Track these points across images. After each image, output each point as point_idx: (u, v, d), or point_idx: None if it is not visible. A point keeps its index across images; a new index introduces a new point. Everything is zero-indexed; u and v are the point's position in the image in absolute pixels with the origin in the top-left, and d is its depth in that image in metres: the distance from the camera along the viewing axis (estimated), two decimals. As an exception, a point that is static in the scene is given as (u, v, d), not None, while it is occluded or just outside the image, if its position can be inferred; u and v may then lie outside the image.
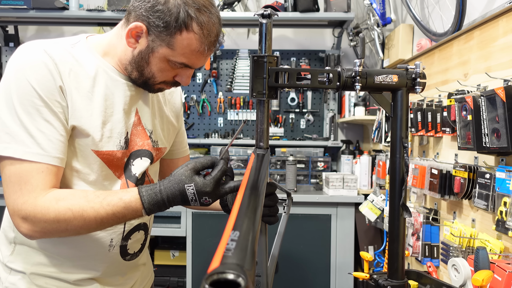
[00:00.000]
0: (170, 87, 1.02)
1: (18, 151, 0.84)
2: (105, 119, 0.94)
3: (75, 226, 0.85)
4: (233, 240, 0.40)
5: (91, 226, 0.86)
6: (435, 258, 1.65)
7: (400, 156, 0.86)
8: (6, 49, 3.16)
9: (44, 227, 0.85)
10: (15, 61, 0.88)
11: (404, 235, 0.88)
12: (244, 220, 0.47)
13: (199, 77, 3.18)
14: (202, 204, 0.86)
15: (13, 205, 0.86)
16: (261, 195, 0.61)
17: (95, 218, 0.84)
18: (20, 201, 0.85)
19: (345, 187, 2.43)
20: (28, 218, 0.85)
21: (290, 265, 2.41)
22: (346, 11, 2.71)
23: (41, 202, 0.85)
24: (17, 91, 0.85)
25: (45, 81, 0.86)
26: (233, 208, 0.52)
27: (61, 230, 0.86)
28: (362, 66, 0.83)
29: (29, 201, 0.85)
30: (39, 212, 0.84)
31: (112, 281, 1.03)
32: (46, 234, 0.87)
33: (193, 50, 0.92)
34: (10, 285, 0.97)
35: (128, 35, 0.92)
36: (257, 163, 0.78)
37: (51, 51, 0.89)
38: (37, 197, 0.85)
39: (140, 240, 1.08)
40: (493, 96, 1.19)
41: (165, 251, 2.76)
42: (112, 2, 2.73)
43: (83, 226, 0.85)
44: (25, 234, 0.87)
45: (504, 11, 1.29)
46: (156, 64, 0.94)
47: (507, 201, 1.15)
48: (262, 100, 0.83)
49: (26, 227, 0.85)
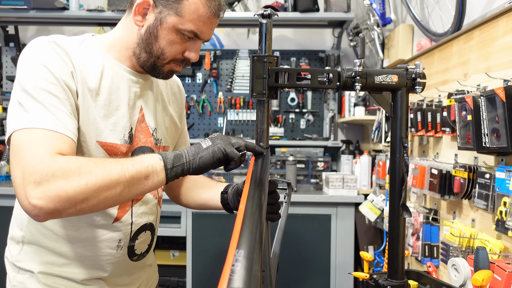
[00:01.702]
0: (180, 66, 1.01)
1: (32, 121, 0.79)
2: (109, 112, 0.95)
3: (96, 177, 0.75)
4: (238, 260, 0.40)
5: (113, 177, 0.76)
6: (435, 258, 1.65)
7: (400, 156, 0.86)
8: (6, 49, 3.16)
9: (61, 187, 0.73)
10: (28, 51, 0.88)
11: (404, 235, 0.88)
12: (248, 236, 0.46)
13: (199, 77, 3.18)
14: (212, 141, 0.85)
15: (22, 172, 0.74)
16: (264, 204, 0.61)
17: (116, 166, 0.78)
18: (32, 163, 0.74)
19: (345, 187, 2.43)
20: (44, 179, 0.73)
21: (290, 265, 2.41)
22: (346, 11, 2.71)
23: (60, 159, 0.76)
24: (32, 74, 0.84)
25: (58, 65, 0.86)
26: (237, 220, 0.51)
27: (80, 189, 0.73)
28: (362, 66, 0.83)
29: (45, 161, 0.75)
30: (58, 167, 0.74)
31: (118, 281, 1.04)
32: (61, 200, 0.73)
33: (201, 15, 0.93)
34: (18, 284, 0.98)
35: (135, 13, 0.94)
36: (257, 166, 0.78)
37: (62, 43, 0.90)
38: (54, 157, 0.76)
39: (147, 241, 1.08)
40: (493, 96, 1.19)
41: (165, 251, 2.76)
42: (112, 2, 2.73)
43: (104, 176, 0.76)
44: (35, 206, 0.73)
45: (504, 11, 1.29)
46: (165, 37, 0.94)
47: (507, 201, 1.16)
48: (262, 100, 0.83)
49: (39, 194, 0.72)
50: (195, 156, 0.84)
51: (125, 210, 1.00)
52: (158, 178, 0.81)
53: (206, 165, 0.84)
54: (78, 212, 0.76)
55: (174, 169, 0.82)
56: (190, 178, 1.23)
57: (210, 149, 0.84)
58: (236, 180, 2.84)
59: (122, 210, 1.00)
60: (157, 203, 1.10)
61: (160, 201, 1.12)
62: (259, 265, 0.43)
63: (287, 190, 1.03)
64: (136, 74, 1.01)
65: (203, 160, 0.83)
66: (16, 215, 1.02)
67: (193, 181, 1.22)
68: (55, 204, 0.73)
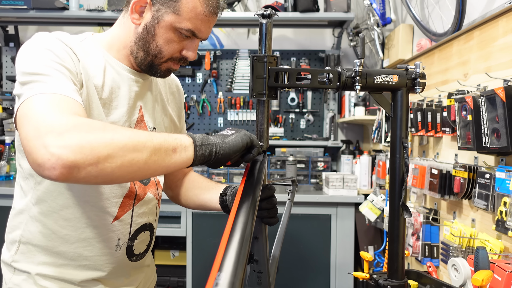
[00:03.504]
0: (178, 64, 1.00)
1: (42, 88, 0.75)
2: (109, 111, 0.94)
3: (122, 135, 0.69)
4: (218, 285, 0.39)
5: (140, 139, 0.70)
6: (435, 258, 1.65)
7: (400, 156, 0.86)
8: (6, 49, 3.16)
9: (84, 138, 0.66)
10: (30, 42, 0.85)
11: (404, 235, 0.88)
12: (231, 258, 0.46)
13: (199, 77, 3.18)
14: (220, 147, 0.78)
15: (38, 127, 0.67)
16: (254, 215, 0.60)
17: (143, 132, 0.74)
18: (50, 118, 0.68)
19: (345, 187, 2.43)
20: (65, 131, 0.65)
21: (290, 265, 2.41)
22: (346, 11, 2.71)
23: (81, 118, 0.71)
24: (37, 57, 0.81)
25: (62, 51, 0.85)
26: (223, 237, 0.50)
27: (105, 142, 0.67)
28: (362, 66, 0.83)
29: (64, 116, 0.69)
30: (81, 122, 0.68)
31: (116, 282, 1.03)
32: (83, 152, 0.65)
33: (198, 13, 0.92)
34: (14, 286, 0.96)
35: (132, 11, 0.93)
36: (251, 174, 0.76)
37: (65, 40, 0.89)
38: (74, 116, 0.70)
39: (146, 241, 1.08)
40: (493, 96, 1.19)
41: (165, 251, 2.76)
42: (112, 2, 2.73)
43: (131, 136, 0.70)
44: (54, 154, 0.64)
45: (504, 11, 1.29)
46: (163, 35, 0.93)
47: (507, 201, 1.16)
48: (262, 100, 0.83)
49: (60, 143, 0.64)
50: (223, 139, 0.79)
51: (125, 209, 1.00)
52: (187, 154, 0.76)
53: (236, 148, 0.79)
54: (99, 173, 0.66)
55: (203, 147, 0.77)
56: (190, 179, 1.23)
57: (237, 134, 0.81)
58: (236, 180, 2.84)
59: (123, 209, 0.99)
60: (157, 203, 1.10)
61: (159, 201, 1.12)
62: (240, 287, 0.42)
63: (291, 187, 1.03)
64: (135, 73, 1.01)
65: (232, 143, 0.79)
66: (14, 214, 1.00)
67: (192, 182, 1.22)
68: (76, 155, 0.64)
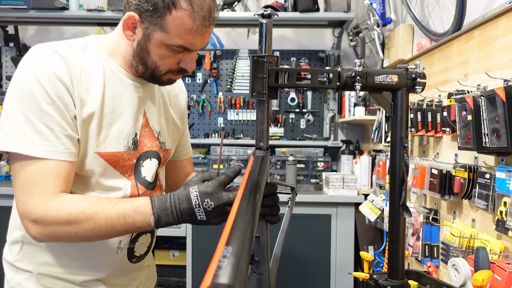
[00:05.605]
0: (178, 75, 1.00)
1: (26, 147, 0.84)
2: (112, 119, 0.94)
3: (85, 230, 0.84)
4: (225, 256, 0.40)
5: (101, 231, 0.85)
6: (435, 258, 1.65)
7: (400, 156, 0.86)
8: (6, 49, 3.16)
9: (54, 230, 0.85)
10: (27, 62, 0.87)
11: (404, 235, 0.88)
12: (238, 234, 0.46)
13: (199, 77, 3.18)
14: (206, 212, 0.84)
15: (23, 208, 0.86)
16: (258, 204, 0.61)
17: (105, 222, 0.84)
18: (30, 204, 0.85)
19: (345, 187, 2.43)
20: (38, 221, 0.84)
21: (290, 265, 2.41)
22: (346, 11, 2.71)
23: (52, 205, 0.84)
24: (27, 91, 0.84)
25: (55, 82, 0.86)
26: (229, 219, 0.51)
27: (70, 235, 0.85)
28: (362, 66, 0.83)
29: (39, 204, 0.84)
30: (50, 214, 0.84)
31: (116, 281, 1.03)
32: (54, 238, 0.86)
33: (187, 28, 0.88)
34: (16, 284, 0.97)
35: (124, 28, 0.92)
36: (255, 167, 0.77)
37: (63, 53, 0.89)
38: (48, 201, 0.85)
39: (147, 243, 1.08)
40: (493, 96, 1.19)
41: (165, 251, 2.76)
42: (112, 2, 2.73)
43: (93, 230, 0.84)
44: (34, 236, 0.86)
45: (504, 11, 1.29)
46: (156, 52, 0.92)
47: (507, 201, 1.15)
48: (262, 100, 0.83)
49: (36, 230, 0.85)
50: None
51: None
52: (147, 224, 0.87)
53: None
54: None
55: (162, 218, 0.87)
56: (189, 179, 1.22)
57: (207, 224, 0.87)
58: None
59: None
60: None
61: None
62: (247, 263, 0.43)
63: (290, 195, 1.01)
64: (138, 79, 1.00)
65: None
66: (16, 215, 1.01)
67: None
68: (49, 239, 0.88)
